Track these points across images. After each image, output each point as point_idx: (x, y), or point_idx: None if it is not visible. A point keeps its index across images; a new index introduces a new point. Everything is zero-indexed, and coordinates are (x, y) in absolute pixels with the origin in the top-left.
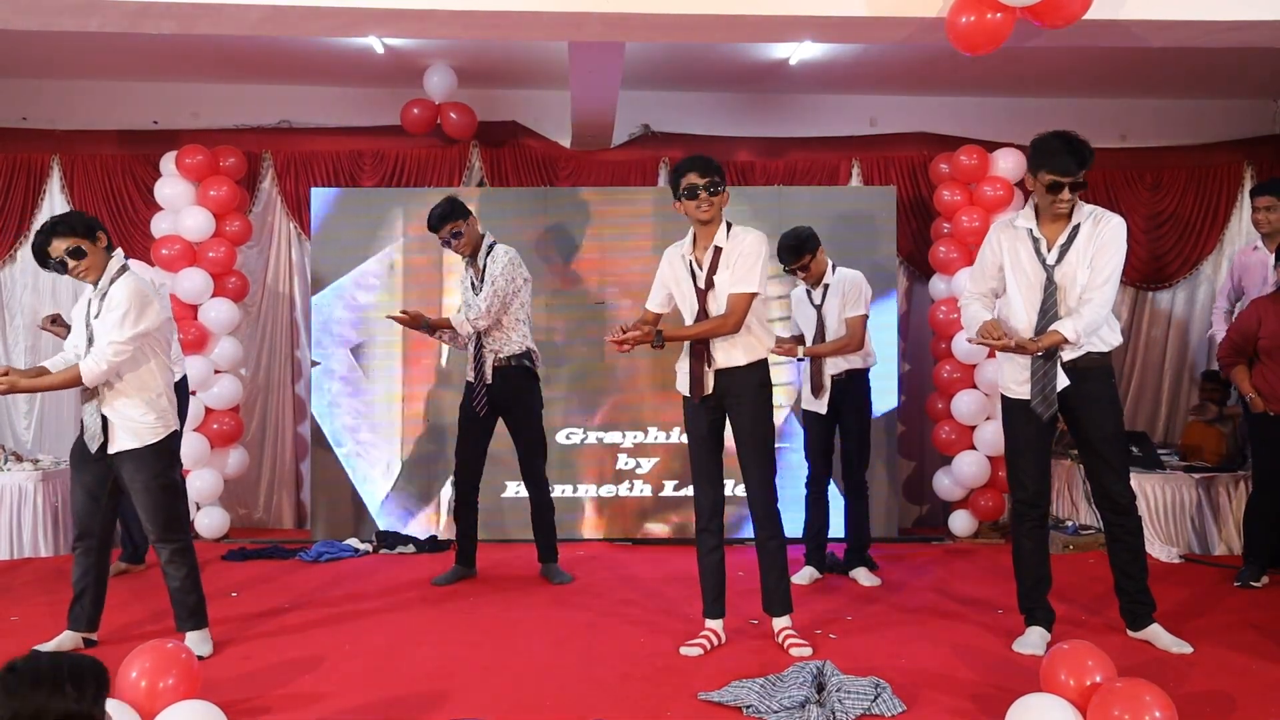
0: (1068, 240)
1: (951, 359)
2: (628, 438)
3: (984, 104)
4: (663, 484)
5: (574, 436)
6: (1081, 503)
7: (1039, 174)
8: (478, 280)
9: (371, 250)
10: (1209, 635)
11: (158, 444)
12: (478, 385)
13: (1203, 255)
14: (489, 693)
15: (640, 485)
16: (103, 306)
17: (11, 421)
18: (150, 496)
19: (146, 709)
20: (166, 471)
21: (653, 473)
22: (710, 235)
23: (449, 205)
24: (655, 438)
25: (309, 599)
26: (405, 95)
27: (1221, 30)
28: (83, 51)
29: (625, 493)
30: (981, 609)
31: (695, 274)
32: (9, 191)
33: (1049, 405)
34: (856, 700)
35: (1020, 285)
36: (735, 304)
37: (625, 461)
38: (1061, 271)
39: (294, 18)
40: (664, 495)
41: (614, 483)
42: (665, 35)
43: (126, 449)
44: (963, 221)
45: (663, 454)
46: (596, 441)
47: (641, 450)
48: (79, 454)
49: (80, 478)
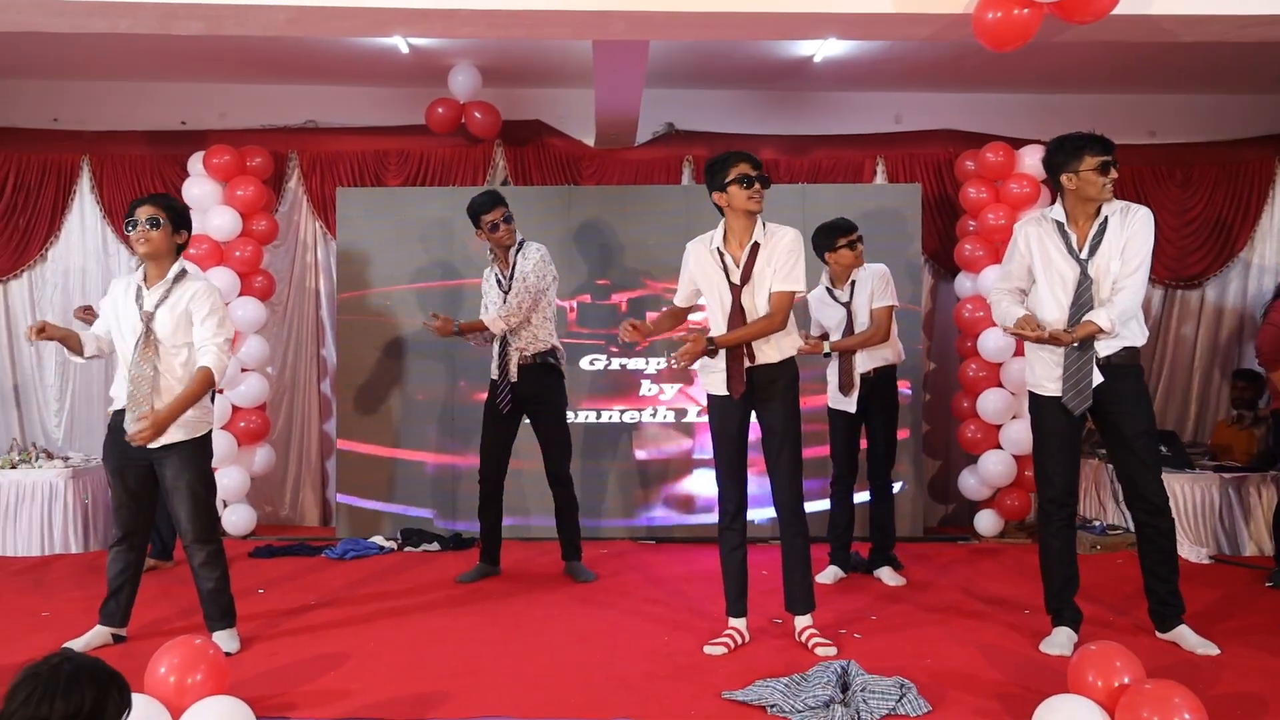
0: (1099, 233)
1: (977, 357)
2: (650, 364)
3: (1010, 100)
4: (685, 410)
5: (597, 363)
6: (1109, 502)
7: (1083, 161)
8: (505, 277)
9: (396, 249)
10: (1240, 636)
11: (203, 438)
12: (502, 383)
13: (1233, 253)
14: (513, 690)
15: (664, 411)
16: (182, 303)
17: (42, 419)
18: (193, 497)
19: (175, 704)
20: (210, 471)
21: (675, 399)
22: (748, 230)
23: (495, 194)
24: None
25: (334, 596)
26: (430, 95)
27: (1253, 25)
28: (112, 53)
29: (649, 418)
30: (1008, 609)
31: (728, 268)
32: (40, 192)
33: (1083, 400)
34: (881, 700)
35: (1051, 281)
36: (780, 302)
37: (649, 388)
38: (1095, 265)
39: (320, 18)
40: (687, 421)
41: (636, 409)
42: (689, 33)
43: (174, 441)
44: (989, 219)
45: (685, 377)
46: (620, 367)
47: (664, 377)
48: (118, 455)
49: (122, 480)
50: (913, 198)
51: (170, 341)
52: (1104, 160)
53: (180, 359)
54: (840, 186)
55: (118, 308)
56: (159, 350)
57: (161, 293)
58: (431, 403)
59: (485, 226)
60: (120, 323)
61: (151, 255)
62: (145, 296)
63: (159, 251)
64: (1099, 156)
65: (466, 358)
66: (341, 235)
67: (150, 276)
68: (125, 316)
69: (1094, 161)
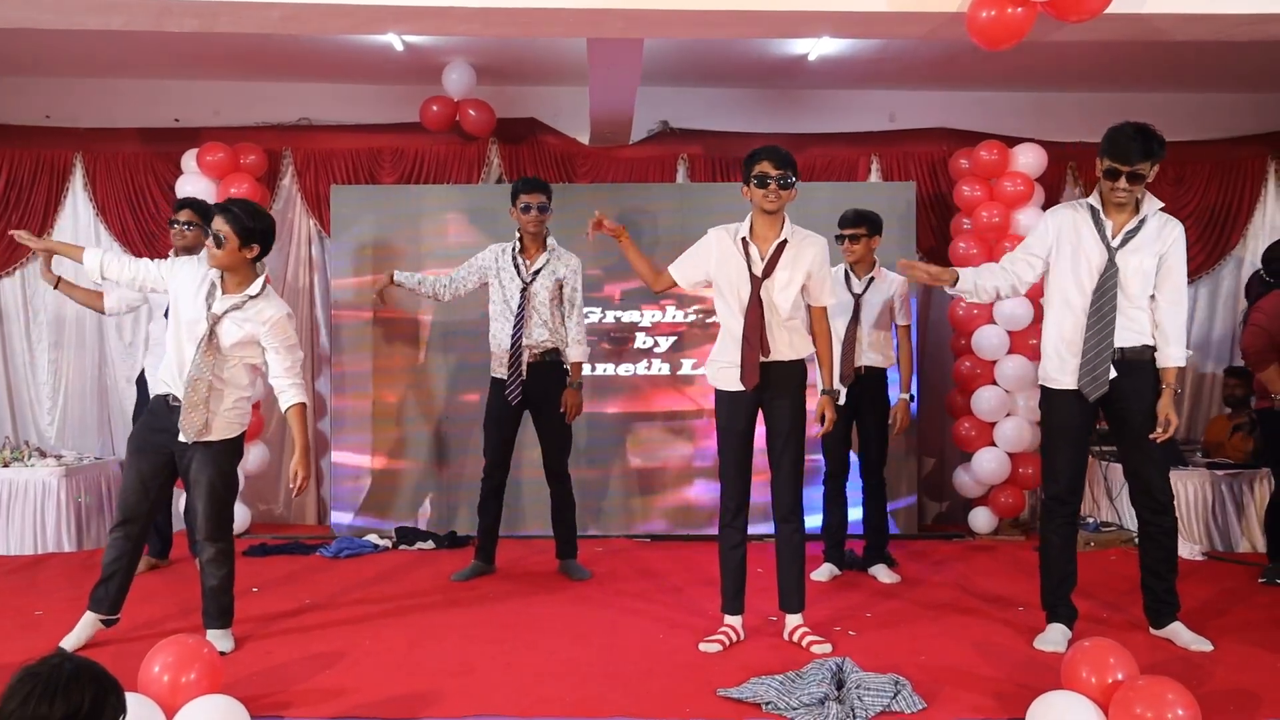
0: (1135, 229)
1: (971, 355)
2: (645, 316)
3: (1004, 99)
4: (680, 363)
5: (591, 315)
6: (1103, 499)
7: (1102, 161)
8: (527, 270)
9: (391, 247)
10: (1233, 633)
11: (236, 439)
12: (513, 379)
13: (1226, 250)
14: (509, 688)
15: (658, 364)
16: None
17: (35, 417)
18: (214, 494)
19: (169, 703)
20: (234, 470)
21: (669, 351)
22: (775, 228)
23: (544, 184)
24: (673, 317)
25: (329, 595)
26: (424, 92)
27: (1245, 24)
28: (105, 50)
29: (644, 371)
30: (1002, 606)
31: (751, 259)
32: (33, 189)
33: (1099, 387)
34: (876, 697)
35: (1076, 263)
36: (820, 315)
37: (643, 340)
38: (1123, 257)
39: (314, 15)
40: (681, 374)
41: (631, 361)
42: (684, 31)
43: (208, 440)
44: (983, 217)
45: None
46: (614, 321)
47: (659, 329)
48: (142, 440)
49: (137, 464)
50: (907, 196)
51: (229, 351)
52: (1112, 168)
53: (231, 365)
54: (835, 185)
55: (184, 289)
56: (220, 360)
57: (234, 303)
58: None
59: (519, 204)
60: (180, 306)
61: (226, 267)
62: (218, 299)
63: (233, 265)
64: (1110, 162)
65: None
66: (336, 233)
67: (228, 283)
68: (188, 305)
69: (1104, 165)
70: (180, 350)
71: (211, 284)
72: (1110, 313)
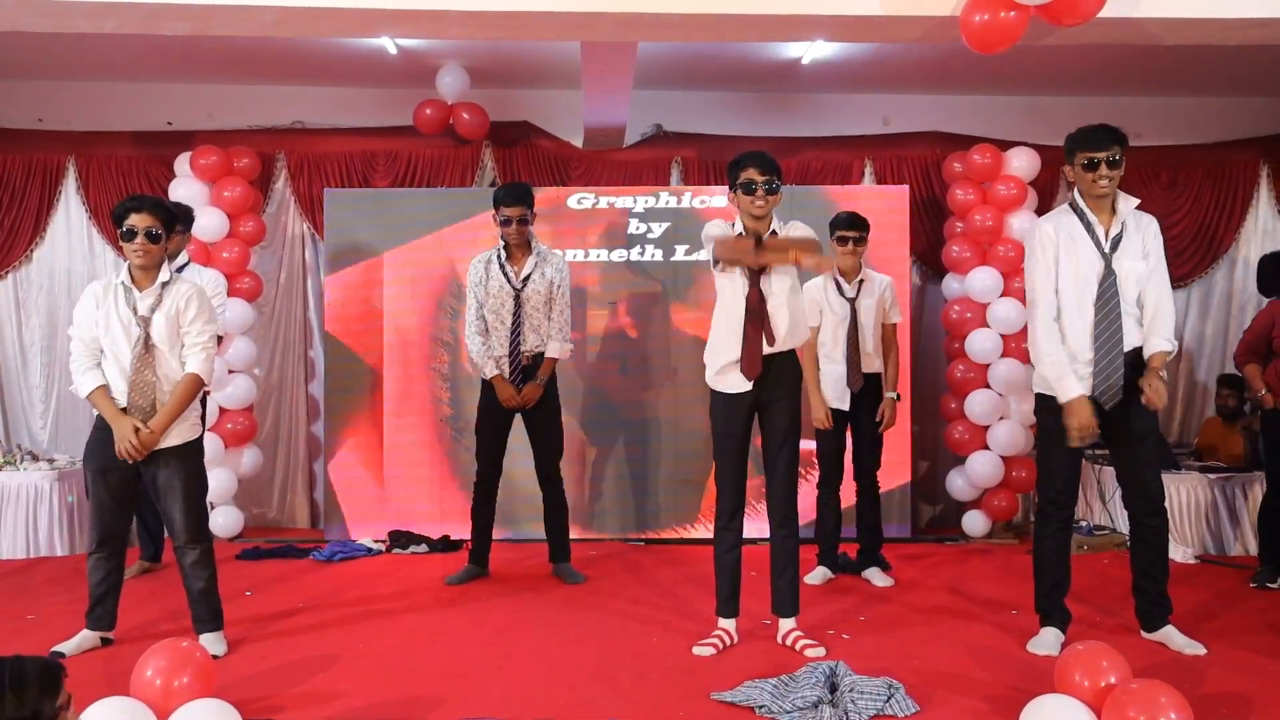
0: (1120, 233)
1: (964, 358)
2: (639, 203)
3: (997, 103)
4: (674, 249)
5: (585, 201)
6: (1095, 502)
7: (1075, 158)
8: (517, 276)
9: (384, 250)
10: (1226, 636)
11: (195, 441)
12: (513, 380)
13: (1218, 254)
14: (502, 692)
15: (651, 249)
16: (175, 307)
17: (28, 420)
18: (188, 498)
19: (161, 708)
20: (202, 471)
21: (663, 237)
22: (763, 229)
23: (523, 193)
24: (667, 202)
25: (322, 598)
26: (418, 96)
27: (1237, 28)
28: (98, 53)
29: (636, 256)
30: (996, 609)
31: None
32: (25, 193)
33: (1114, 396)
34: (869, 701)
35: (1074, 276)
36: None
37: (636, 226)
38: (1118, 261)
39: (307, 19)
40: (676, 260)
41: (625, 246)
42: (678, 35)
43: (170, 445)
44: (976, 220)
45: (673, 218)
46: (608, 206)
47: (653, 215)
48: (101, 459)
49: (105, 484)
50: (900, 199)
51: (168, 346)
52: (1091, 158)
53: (170, 360)
54: (828, 188)
55: (104, 313)
56: (158, 357)
57: (155, 298)
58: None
59: (499, 217)
60: (109, 325)
61: (148, 267)
62: (138, 300)
63: (157, 263)
64: (1087, 153)
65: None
66: (329, 236)
67: (139, 279)
68: (114, 319)
69: (1083, 158)
70: (118, 360)
71: (123, 288)
72: (1116, 319)
